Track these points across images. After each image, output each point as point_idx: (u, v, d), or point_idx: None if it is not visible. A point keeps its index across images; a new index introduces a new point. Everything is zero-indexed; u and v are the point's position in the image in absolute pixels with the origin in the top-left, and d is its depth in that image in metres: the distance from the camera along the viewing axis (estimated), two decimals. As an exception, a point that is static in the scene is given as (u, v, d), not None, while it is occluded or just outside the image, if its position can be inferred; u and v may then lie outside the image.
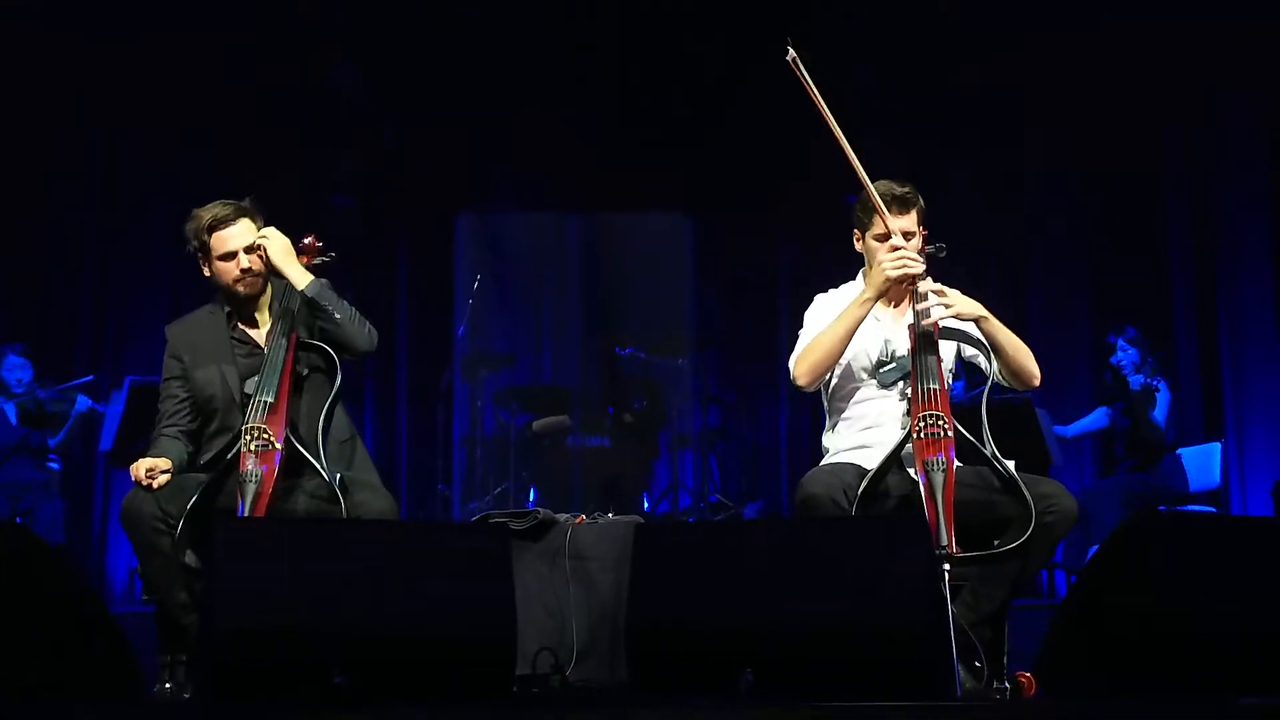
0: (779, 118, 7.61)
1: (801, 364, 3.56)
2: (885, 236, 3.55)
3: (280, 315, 3.66)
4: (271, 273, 3.66)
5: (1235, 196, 7.16)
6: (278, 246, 3.63)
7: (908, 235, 3.55)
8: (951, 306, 3.46)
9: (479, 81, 7.74)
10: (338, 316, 3.58)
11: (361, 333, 3.62)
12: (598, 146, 7.75)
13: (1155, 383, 6.09)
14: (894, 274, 3.46)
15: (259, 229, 3.66)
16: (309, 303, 3.59)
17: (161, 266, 7.50)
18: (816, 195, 7.58)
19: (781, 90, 3.66)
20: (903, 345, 3.55)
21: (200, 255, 3.68)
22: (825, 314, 3.65)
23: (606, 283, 8.02)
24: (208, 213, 3.65)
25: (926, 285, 3.45)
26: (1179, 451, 6.24)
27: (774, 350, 7.48)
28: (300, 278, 3.61)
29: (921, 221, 3.60)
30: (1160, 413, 6.15)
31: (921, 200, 3.60)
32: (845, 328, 3.50)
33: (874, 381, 3.58)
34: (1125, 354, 6.27)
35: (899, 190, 3.56)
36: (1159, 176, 7.44)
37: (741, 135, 7.63)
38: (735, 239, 7.99)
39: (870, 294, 3.49)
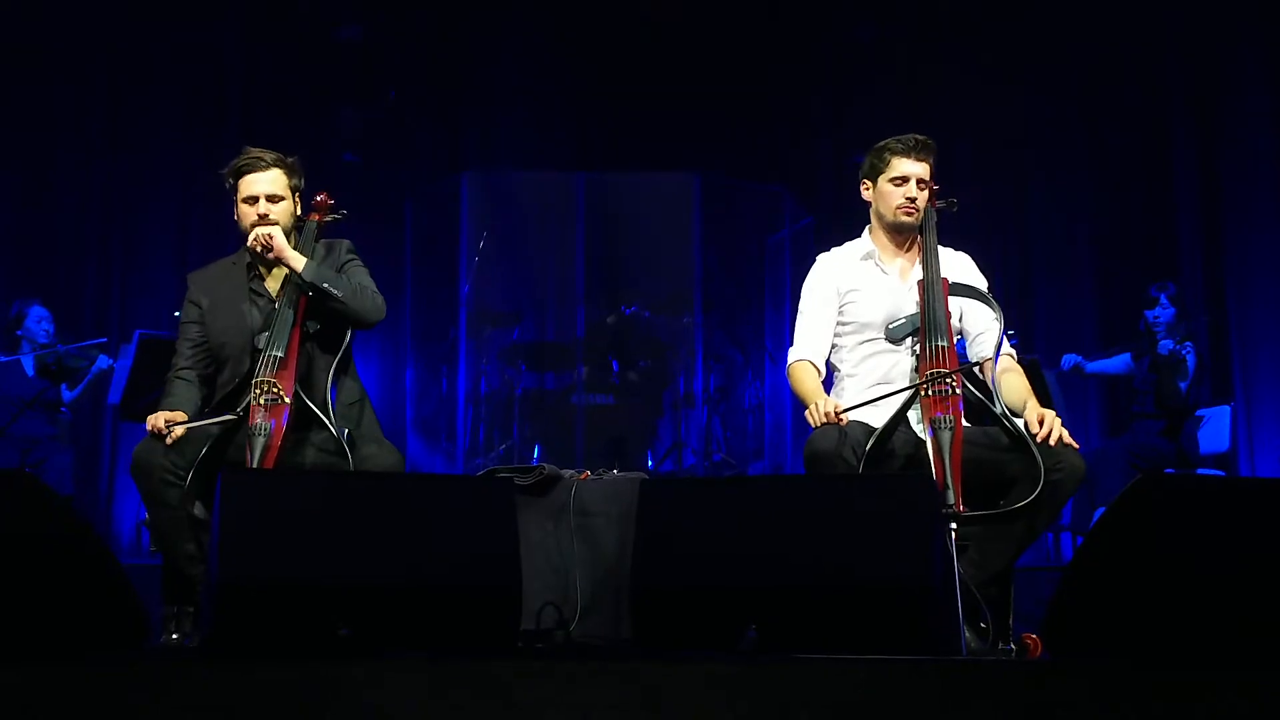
0: (786, 77, 7.59)
1: (791, 378, 3.63)
2: (902, 180, 3.56)
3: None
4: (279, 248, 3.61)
5: (1244, 160, 7.12)
6: (279, 235, 3.59)
7: (922, 183, 3.58)
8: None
9: (485, 39, 7.69)
10: (340, 294, 3.54)
11: (369, 305, 3.59)
12: (604, 104, 7.70)
13: (1183, 351, 5.99)
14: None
15: (292, 185, 3.65)
16: (308, 286, 3.55)
17: (169, 221, 7.47)
18: (823, 154, 7.58)
19: (789, 50, 3.65)
20: (911, 301, 3.55)
21: (233, 196, 3.67)
22: (824, 280, 3.66)
23: (612, 241, 7.98)
24: (245, 156, 3.64)
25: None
26: (1197, 413, 6.18)
27: (779, 309, 7.47)
28: (295, 261, 3.57)
29: (934, 175, 3.62)
30: (1185, 379, 6.02)
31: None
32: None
33: (883, 337, 3.56)
34: (1164, 311, 6.09)
35: (920, 137, 3.60)
36: (1166, 130, 7.38)
37: (748, 94, 7.57)
38: (741, 198, 7.95)
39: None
